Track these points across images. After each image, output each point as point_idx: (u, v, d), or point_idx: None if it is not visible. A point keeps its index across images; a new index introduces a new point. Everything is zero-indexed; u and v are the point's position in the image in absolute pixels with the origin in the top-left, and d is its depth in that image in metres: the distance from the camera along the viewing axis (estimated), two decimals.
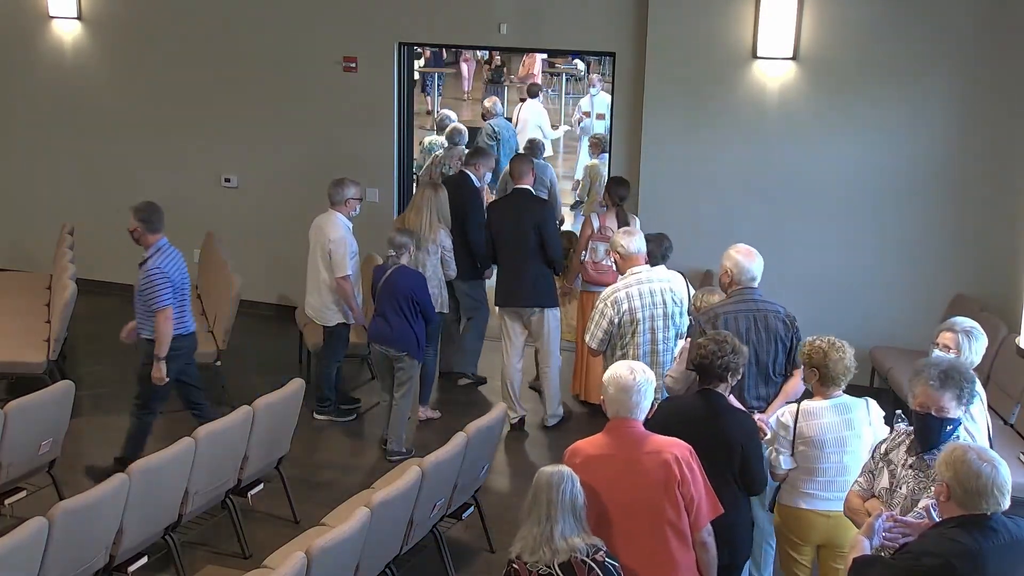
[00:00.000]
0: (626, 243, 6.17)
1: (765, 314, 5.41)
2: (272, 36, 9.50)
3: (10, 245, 10.64)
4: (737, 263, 5.50)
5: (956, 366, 4.16)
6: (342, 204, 7.58)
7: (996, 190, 7.88)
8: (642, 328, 6.03)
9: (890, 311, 8.17)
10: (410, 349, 7.10)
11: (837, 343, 4.81)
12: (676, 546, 4.19)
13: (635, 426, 4.26)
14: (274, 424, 6.21)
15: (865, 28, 8.00)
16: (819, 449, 4.79)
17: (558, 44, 9.68)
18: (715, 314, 5.41)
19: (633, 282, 6.09)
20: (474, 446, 5.76)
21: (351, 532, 4.69)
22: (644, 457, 4.19)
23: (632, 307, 6.02)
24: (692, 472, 4.19)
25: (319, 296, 7.66)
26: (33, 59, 10.23)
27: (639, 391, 4.23)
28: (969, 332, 4.92)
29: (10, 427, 5.85)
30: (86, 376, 8.37)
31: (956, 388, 4.06)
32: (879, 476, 4.29)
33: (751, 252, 5.56)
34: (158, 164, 10.04)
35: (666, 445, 4.21)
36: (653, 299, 6.07)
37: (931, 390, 4.06)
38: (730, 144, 8.39)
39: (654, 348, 6.07)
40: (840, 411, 4.82)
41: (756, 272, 5.51)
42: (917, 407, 4.12)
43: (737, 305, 5.43)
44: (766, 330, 5.38)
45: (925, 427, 4.10)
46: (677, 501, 4.16)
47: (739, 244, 5.66)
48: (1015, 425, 6.86)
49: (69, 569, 4.85)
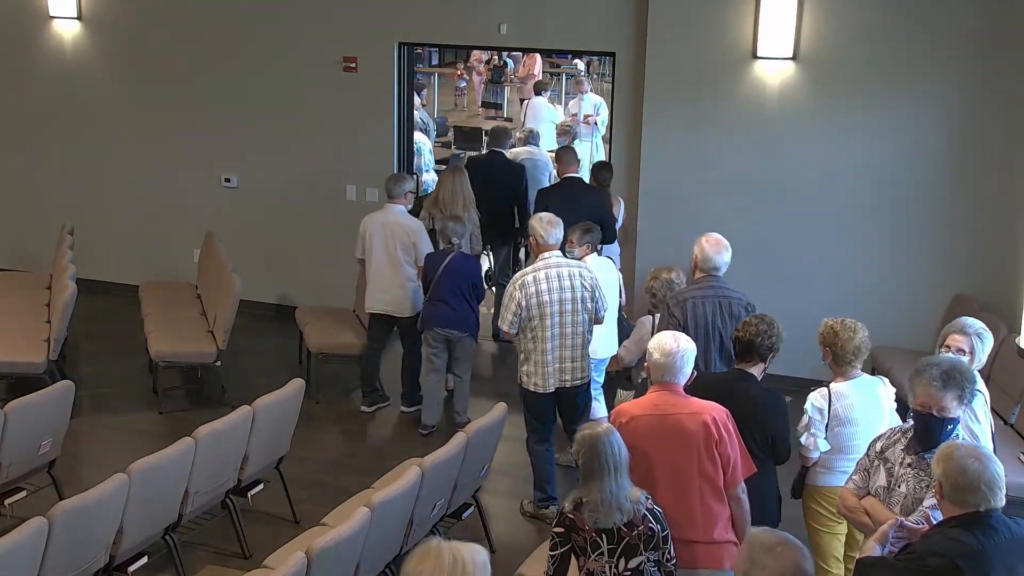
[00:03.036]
0: (544, 232, 6.31)
1: (729, 301, 5.79)
2: (272, 36, 9.50)
3: (10, 245, 10.64)
4: (704, 251, 5.86)
5: (957, 366, 4.15)
6: (401, 197, 7.84)
7: (996, 190, 7.88)
8: (550, 311, 6.18)
9: (890, 311, 8.16)
10: (471, 330, 7.62)
11: (848, 322, 5.00)
12: (713, 500, 4.51)
13: (677, 389, 4.60)
14: (274, 424, 6.21)
15: (865, 28, 8.00)
16: (852, 427, 4.94)
17: (558, 44, 9.68)
18: (684, 298, 5.80)
19: (541, 267, 6.25)
20: (474, 446, 5.76)
21: (351, 532, 4.69)
22: (686, 417, 4.50)
23: (540, 290, 6.16)
24: (729, 433, 4.51)
25: (401, 289, 7.78)
26: (33, 59, 10.23)
27: (682, 357, 4.58)
28: (980, 334, 4.94)
29: (10, 427, 5.84)
30: (86, 376, 8.37)
31: (958, 388, 4.05)
32: (875, 474, 4.28)
33: (720, 243, 5.89)
34: (158, 164, 10.04)
35: (706, 407, 4.54)
36: (561, 283, 6.20)
37: (933, 390, 4.04)
38: (730, 144, 8.39)
39: (563, 331, 6.22)
40: (864, 389, 5.01)
41: (720, 262, 5.86)
42: (918, 407, 4.11)
43: (704, 291, 5.80)
44: (730, 316, 5.73)
45: (926, 427, 4.10)
46: (715, 458, 4.48)
47: (711, 234, 5.95)
48: (1015, 425, 6.86)
49: (69, 569, 4.85)
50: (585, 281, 6.25)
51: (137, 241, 10.27)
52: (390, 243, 7.72)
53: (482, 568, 2.99)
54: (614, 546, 4.17)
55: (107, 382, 8.39)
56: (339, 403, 8.25)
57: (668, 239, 8.54)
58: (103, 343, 9.19)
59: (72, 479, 6.35)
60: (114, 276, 10.28)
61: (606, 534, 4.18)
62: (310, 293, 9.60)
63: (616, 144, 8.93)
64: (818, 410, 4.97)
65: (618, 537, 4.17)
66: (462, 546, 3.01)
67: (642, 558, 4.20)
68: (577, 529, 4.20)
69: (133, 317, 8.82)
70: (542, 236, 6.30)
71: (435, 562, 2.94)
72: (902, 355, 7.84)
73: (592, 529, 4.17)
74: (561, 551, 4.25)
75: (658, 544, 4.21)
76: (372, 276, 7.81)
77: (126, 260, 10.33)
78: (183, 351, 7.93)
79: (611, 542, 4.17)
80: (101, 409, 7.89)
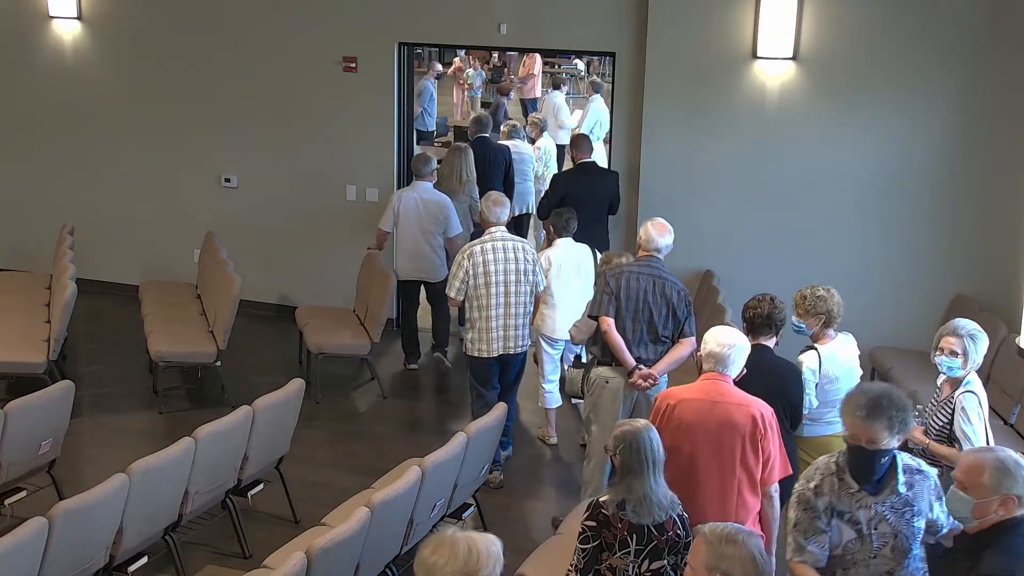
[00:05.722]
0: (488, 211, 6.88)
1: (663, 282, 6.07)
2: (272, 36, 9.50)
3: (10, 245, 10.64)
4: (648, 232, 6.18)
5: (887, 393, 3.85)
6: (429, 175, 8.45)
7: (996, 190, 7.88)
8: (494, 280, 6.68)
9: (890, 311, 8.17)
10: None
11: (823, 287, 5.52)
12: (749, 492, 4.61)
13: (727, 380, 4.74)
14: (274, 424, 6.20)
15: (865, 28, 8.00)
16: (838, 383, 5.40)
17: (558, 44, 9.67)
18: (621, 271, 6.11)
19: (488, 239, 6.77)
20: (474, 446, 5.76)
21: (351, 532, 4.69)
22: (734, 407, 4.63)
23: (486, 260, 6.67)
24: (772, 431, 4.62)
25: (433, 257, 8.47)
26: (33, 59, 10.23)
27: (737, 351, 4.73)
28: (973, 336, 4.97)
29: (10, 427, 5.84)
30: (86, 376, 8.37)
31: (885, 418, 3.76)
32: (837, 532, 3.88)
33: (664, 227, 6.21)
34: (158, 164, 10.04)
35: (754, 402, 4.65)
36: (506, 255, 6.71)
37: (858, 421, 3.79)
38: (730, 144, 8.39)
39: (507, 300, 6.72)
40: (844, 347, 5.55)
41: (662, 244, 6.17)
42: (848, 439, 3.88)
43: (641, 267, 6.11)
44: (662, 295, 6.02)
45: (859, 459, 3.85)
46: (758, 452, 4.59)
47: (657, 218, 6.29)
48: (1015, 425, 6.85)
49: (69, 569, 4.84)
50: (528, 255, 6.79)
51: (137, 241, 10.27)
52: (423, 216, 8.36)
53: (496, 559, 2.99)
54: (642, 547, 4.18)
55: (107, 382, 8.39)
56: (339, 403, 8.25)
57: None
58: (103, 343, 9.19)
59: (72, 479, 6.34)
60: (114, 276, 10.28)
61: (637, 533, 4.18)
62: (310, 293, 9.61)
63: (616, 144, 8.93)
64: (812, 371, 5.39)
65: (648, 539, 4.18)
66: (477, 536, 3.02)
67: (663, 562, 4.22)
68: (610, 525, 4.22)
69: (133, 317, 8.82)
70: (487, 212, 6.86)
71: (451, 551, 2.95)
72: (902, 355, 7.84)
73: (625, 527, 4.19)
74: (592, 545, 4.25)
75: (679, 550, 4.22)
76: (405, 247, 8.48)
77: (126, 260, 10.33)
78: (183, 351, 7.93)
79: (640, 543, 4.19)
80: (101, 409, 7.89)
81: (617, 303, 5.98)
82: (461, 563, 2.93)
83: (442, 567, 2.94)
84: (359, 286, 8.84)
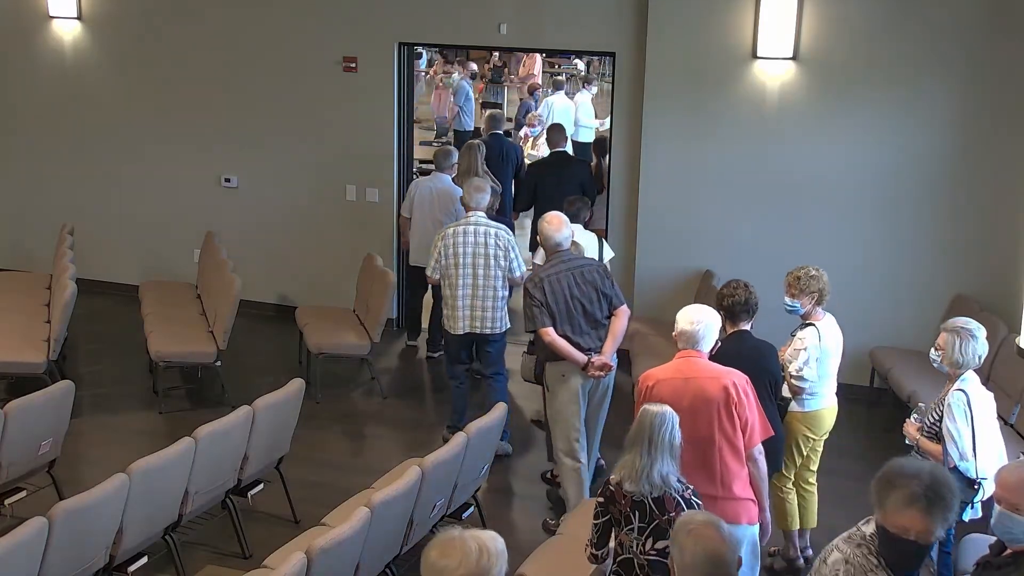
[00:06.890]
0: (468, 197, 7.19)
1: (582, 269, 6.23)
2: (272, 36, 9.50)
3: (10, 245, 10.64)
4: (545, 232, 6.32)
5: (941, 479, 3.18)
6: (449, 168, 8.77)
7: (996, 190, 7.88)
8: (462, 262, 7.00)
9: (890, 311, 8.17)
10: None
11: (812, 267, 5.71)
12: (732, 459, 4.77)
13: (701, 356, 4.89)
14: (274, 424, 6.20)
15: (865, 28, 8.00)
16: (832, 358, 5.69)
17: (558, 44, 9.67)
18: (540, 278, 6.19)
19: (463, 223, 7.12)
20: (474, 446, 5.76)
21: (351, 532, 4.69)
22: (707, 381, 4.78)
23: (456, 242, 7.01)
24: (747, 397, 4.77)
25: None
26: (33, 59, 10.23)
27: (706, 327, 4.87)
28: (959, 331, 5.00)
29: (10, 427, 5.84)
30: (86, 376, 8.37)
31: (947, 510, 3.15)
32: None
33: (559, 219, 6.33)
34: (158, 164, 10.04)
35: (726, 373, 4.81)
36: (477, 239, 7.02)
37: (917, 514, 3.11)
38: (730, 144, 8.39)
39: (475, 283, 7.04)
40: (834, 322, 5.78)
41: (562, 238, 6.28)
42: (893, 528, 3.16)
43: (557, 267, 6.22)
44: (587, 283, 6.18)
45: (904, 554, 3.19)
46: (734, 419, 4.74)
47: (547, 214, 6.41)
48: (1015, 425, 6.85)
49: (69, 569, 4.84)
50: (500, 240, 7.06)
51: (137, 241, 10.27)
52: (435, 205, 8.64)
53: (503, 555, 2.97)
54: (644, 524, 4.26)
55: (107, 382, 8.39)
56: (339, 403, 8.25)
57: (668, 238, 8.56)
58: (103, 343, 9.19)
59: (72, 479, 6.34)
60: (114, 276, 10.28)
61: (639, 510, 4.26)
62: (310, 293, 9.61)
63: (616, 144, 8.93)
64: (814, 347, 5.57)
65: (650, 516, 4.25)
66: (481, 534, 2.98)
67: (667, 542, 4.19)
68: (615, 501, 4.32)
69: (133, 317, 8.82)
70: (468, 199, 7.19)
71: (462, 552, 2.89)
72: (902, 355, 7.84)
73: (628, 503, 4.27)
74: (603, 520, 4.40)
75: None
76: (417, 233, 8.69)
77: (126, 260, 10.33)
78: (183, 351, 7.93)
79: (642, 520, 4.26)
80: (101, 409, 7.89)
81: (550, 311, 6.12)
82: (473, 563, 2.88)
83: (454, 569, 2.87)
84: (359, 286, 8.84)
